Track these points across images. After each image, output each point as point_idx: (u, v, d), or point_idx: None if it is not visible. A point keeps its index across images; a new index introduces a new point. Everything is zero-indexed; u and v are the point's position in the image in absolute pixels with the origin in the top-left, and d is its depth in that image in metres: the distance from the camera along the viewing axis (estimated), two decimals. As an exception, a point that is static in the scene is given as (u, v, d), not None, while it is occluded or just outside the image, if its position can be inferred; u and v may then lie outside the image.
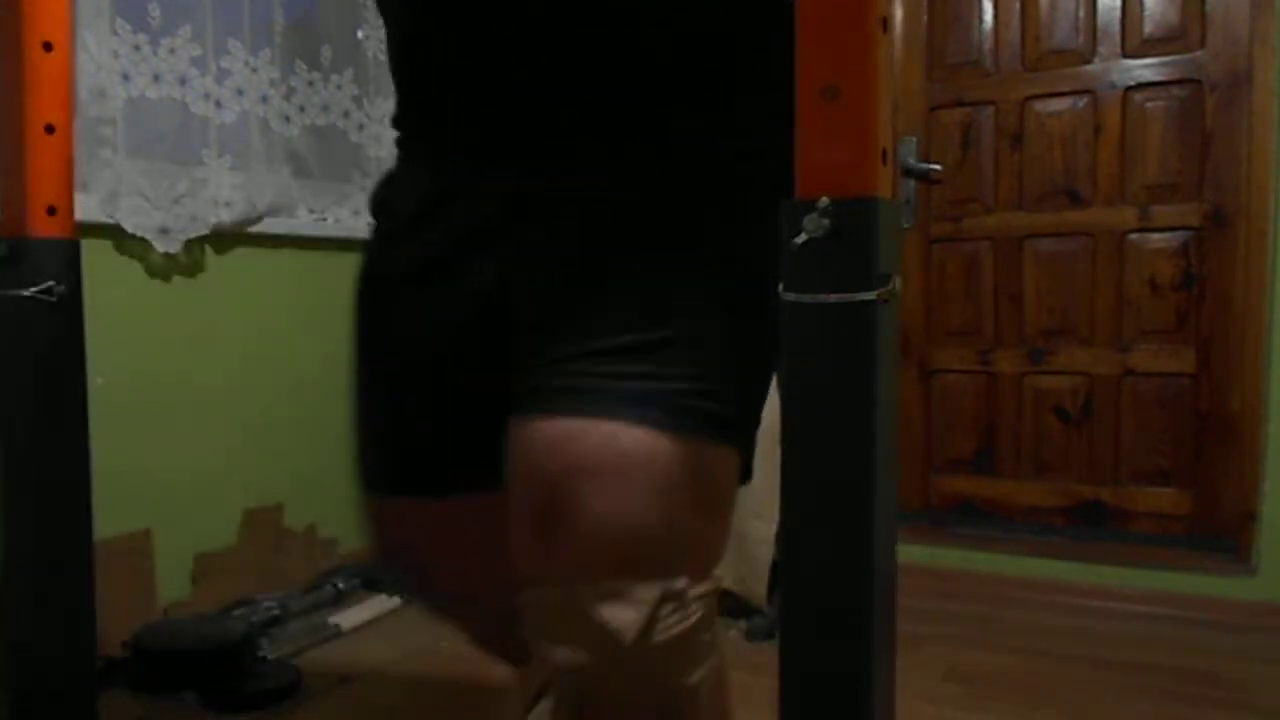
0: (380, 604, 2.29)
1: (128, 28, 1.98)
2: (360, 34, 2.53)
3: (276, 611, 2.10)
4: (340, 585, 2.32)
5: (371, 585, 2.39)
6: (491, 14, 0.76)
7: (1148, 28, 2.36)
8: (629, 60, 0.75)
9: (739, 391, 0.74)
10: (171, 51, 2.06)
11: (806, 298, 0.51)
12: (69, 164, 0.86)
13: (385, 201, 0.91)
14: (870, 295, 0.49)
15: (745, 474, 0.78)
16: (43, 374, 0.84)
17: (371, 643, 2.10)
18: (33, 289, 0.82)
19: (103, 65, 1.92)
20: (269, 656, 1.94)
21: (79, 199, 0.90)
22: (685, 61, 0.76)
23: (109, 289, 1.94)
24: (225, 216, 2.14)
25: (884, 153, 0.50)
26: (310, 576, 2.37)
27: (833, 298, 0.50)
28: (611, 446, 0.66)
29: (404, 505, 0.90)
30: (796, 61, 0.51)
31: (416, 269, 0.84)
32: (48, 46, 0.82)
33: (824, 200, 0.50)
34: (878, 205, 0.50)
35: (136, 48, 2.00)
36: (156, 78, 2.04)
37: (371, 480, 0.91)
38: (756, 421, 0.79)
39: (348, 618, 2.18)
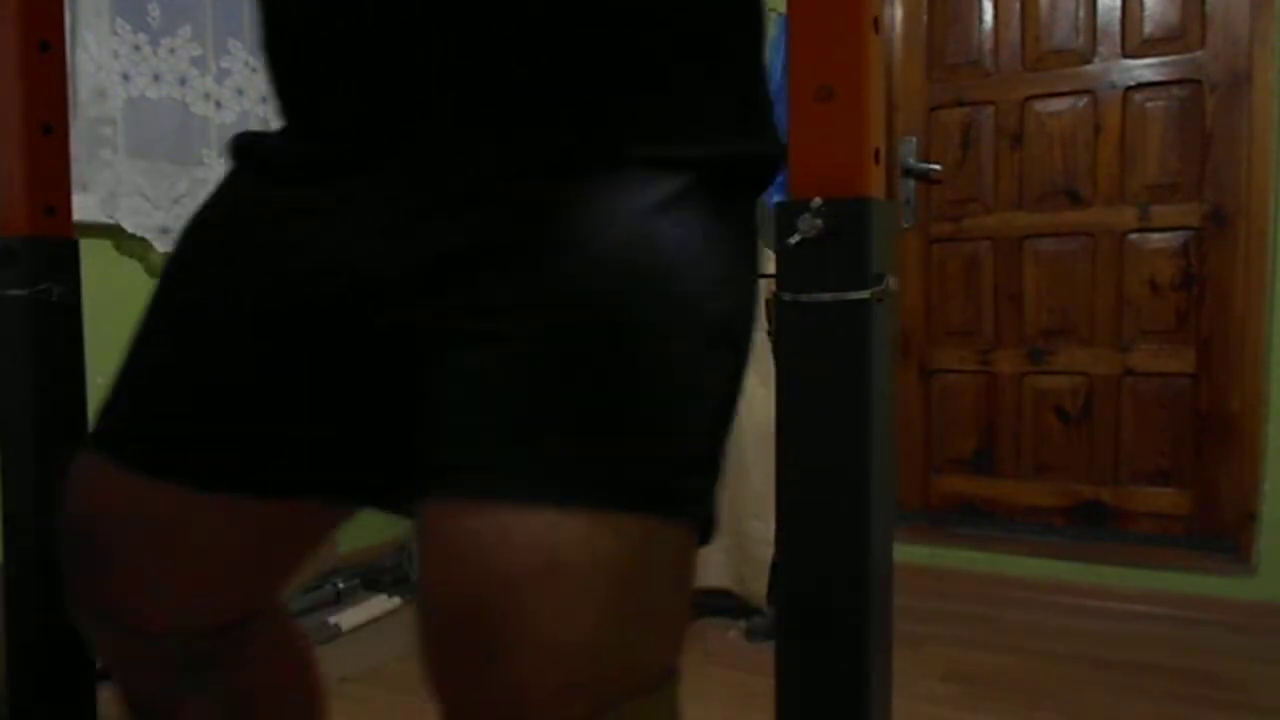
0: (380, 604, 2.29)
1: (128, 28, 1.98)
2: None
3: (277, 611, 2.10)
4: (340, 585, 2.32)
5: (371, 585, 2.40)
6: None
7: (1148, 28, 2.37)
8: (569, 42, 0.62)
9: (696, 448, 0.60)
10: (171, 51, 2.07)
11: (801, 297, 0.52)
12: (67, 164, 0.86)
13: (255, 145, 0.73)
14: (864, 294, 0.50)
15: (706, 535, 0.63)
16: (42, 374, 0.84)
17: (371, 643, 2.10)
18: (31, 289, 0.82)
19: (103, 65, 1.93)
20: (269, 656, 1.94)
21: (79, 199, 0.90)
22: (627, 44, 0.63)
23: (109, 289, 1.94)
24: (225, 217, 2.15)
25: (876, 153, 0.50)
26: (310, 576, 2.37)
27: (827, 297, 0.51)
28: (546, 545, 0.54)
29: (143, 483, 0.68)
30: (789, 63, 0.51)
31: (283, 216, 0.67)
32: (44, 46, 0.82)
33: (817, 201, 0.50)
34: (871, 206, 0.50)
35: (136, 48, 2.00)
36: (156, 78, 2.04)
37: (117, 440, 0.69)
38: (716, 474, 0.64)
39: (348, 618, 2.19)
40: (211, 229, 0.72)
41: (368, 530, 2.57)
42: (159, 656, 0.74)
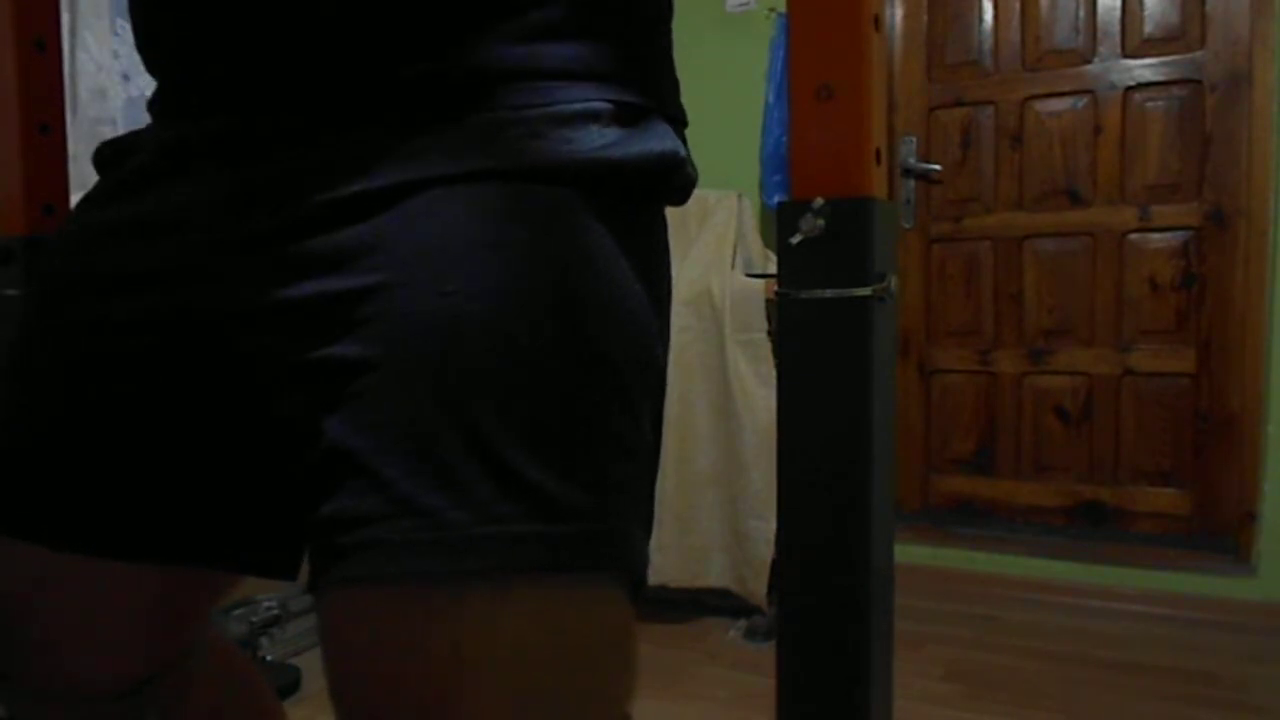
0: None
1: (127, 27, 1.98)
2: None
3: (276, 611, 2.10)
4: (340, 585, 2.32)
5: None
6: None
7: (1148, 28, 2.36)
8: None
9: (605, 484, 0.52)
10: (171, 52, 2.07)
11: (803, 294, 0.52)
12: (64, 163, 0.86)
13: (115, 152, 0.68)
14: (865, 291, 0.50)
15: (636, 573, 0.54)
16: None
17: (371, 643, 2.10)
18: (29, 288, 0.82)
19: (103, 65, 1.92)
20: (269, 657, 1.94)
21: (78, 199, 0.90)
22: None
23: (109, 289, 1.94)
24: (225, 217, 2.15)
25: (877, 152, 0.50)
26: (310, 576, 2.36)
27: (828, 293, 0.50)
28: (442, 634, 0.47)
29: (21, 549, 0.63)
30: (789, 61, 0.51)
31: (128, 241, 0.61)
32: (40, 45, 0.82)
33: (819, 201, 0.50)
34: (873, 206, 0.50)
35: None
36: (156, 78, 2.04)
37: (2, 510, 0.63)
38: (645, 511, 0.56)
39: (347, 618, 2.18)
40: (57, 269, 0.66)
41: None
42: (84, 717, 0.69)
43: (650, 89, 0.61)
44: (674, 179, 0.61)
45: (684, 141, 0.64)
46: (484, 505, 0.48)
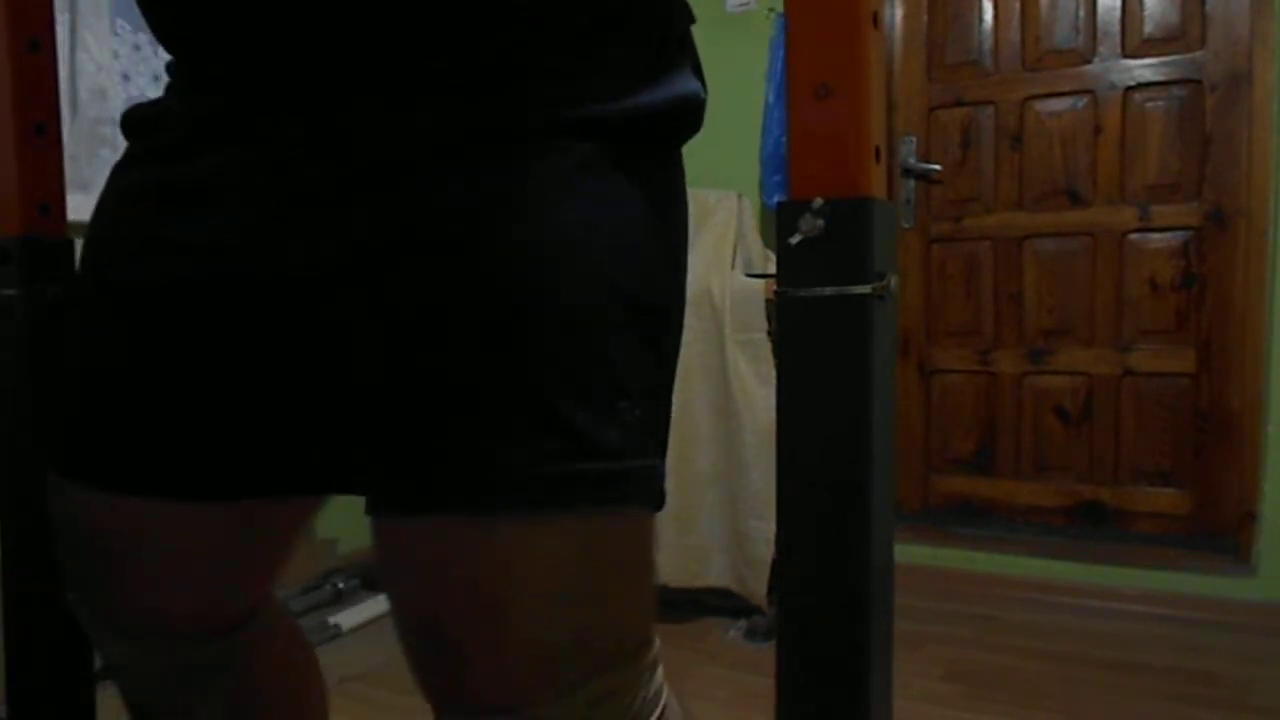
0: (380, 604, 2.28)
1: (128, 28, 1.98)
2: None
3: (276, 611, 2.10)
4: (340, 585, 2.32)
5: (371, 585, 2.40)
6: None
7: (1148, 28, 2.36)
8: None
9: (628, 430, 0.58)
10: (171, 52, 2.07)
11: (802, 292, 0.51)
12: (60, 163, 0.86)
13: (152, 118, 0.68)
14: (865, 289, 0.49)
15: (658, 504, 0.62)
16: (35, 374, 0.84)
17: (371, 643, 2.10)
18: (25, 289, 0.82)
19: (103, 65, 1.92)
20: (268, 657, 1.94)
21: (79, 199, 0.90)
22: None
23: (108, 289, 1.93)
24: (225, 217, 2.15)
25: (877, 151, 0.50)
26: (310, 576, 2.37)
27: (828, 291, 0.50)
28: (492, 555, 0.55)
29: (113, 500, 0.67)
30: (788, 60, 0.51)
31: (183, 195, 0.63)
32: (34, 46, 0.82)
33: (818, 201, 0.50)
34: (872, 206, 0.50)
35: (136, 48, 2.00)
36: (156, 78, 2.04)
37: (75, 462, 0.68)
38: (655, 450, 0.62)
39: (348, 618, 2.19)
40: (111, 229, 0.68)
41: (368, 530, 2.57)
42: (168, 662, 0.74)
43: (674, 29, 0.65)
44: (692, 119, 0.65)
45: (694, 51, 0.69)
46: (529, 447, 0.54)
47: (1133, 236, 2.41)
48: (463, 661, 0.57)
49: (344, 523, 2.46)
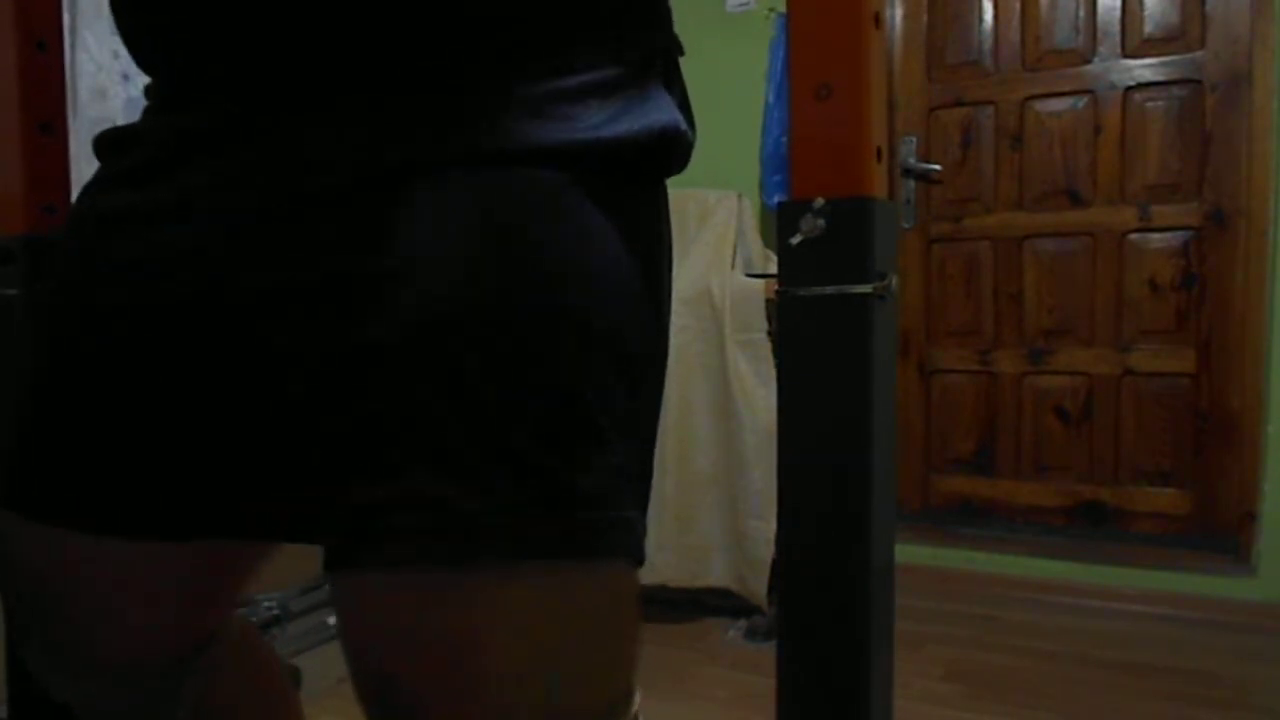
0: (380, 604, 2.28)
1: (128, 28, 1.99)
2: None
3: (276, 611, 2.10)
4: (340, 585, 2.32)
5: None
6: None
7: (1148, 28, 2.37)
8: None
9: (602, 477, 0.54)
10: (171, 52, 2.07)
11: (802, 291, 0.52)
12: (66, 162, 0.86)
13: (116, 141, 0.68)
14: (866, 288, 0.50)
15: (638, 554, 0.57)
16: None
17: (371, 643, 2.10)
18: (30, 289, 0.82)
19: (103, 65, 1.92)
20: (269, 656, 1.94)
21: (83, 187, 0.90)
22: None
23: (109, 289, 1.94)
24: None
25: (878, 151, 0.50)
26: (310, 576, 2.37)
27: (828, 290, 0.51)
28: (450, 613, 0.50)
29: (58, 536, 0.64)
30: (789, 60, 0.51)
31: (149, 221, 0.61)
32: (41, 45, 0.82)
33: (819, 201, 0.50)
34: (873, 206, 0.50)
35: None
36: (156, 78, 2.04)
37: (23, 497, 0.64)
38: (632, 497, 0.57)
39: (348, 618, 2.18)
40: (67, 253, 0.66)
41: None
42: (129, 694, 0.71)
43: (647, 24, 0.61)
44: (674, 153, 0.61)
45: (680, 79, 0.65)
46: (492, 494, 0.50)
47: (1133, 236, 2.41)
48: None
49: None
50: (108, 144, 0.68)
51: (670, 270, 0.64)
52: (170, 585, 0.68)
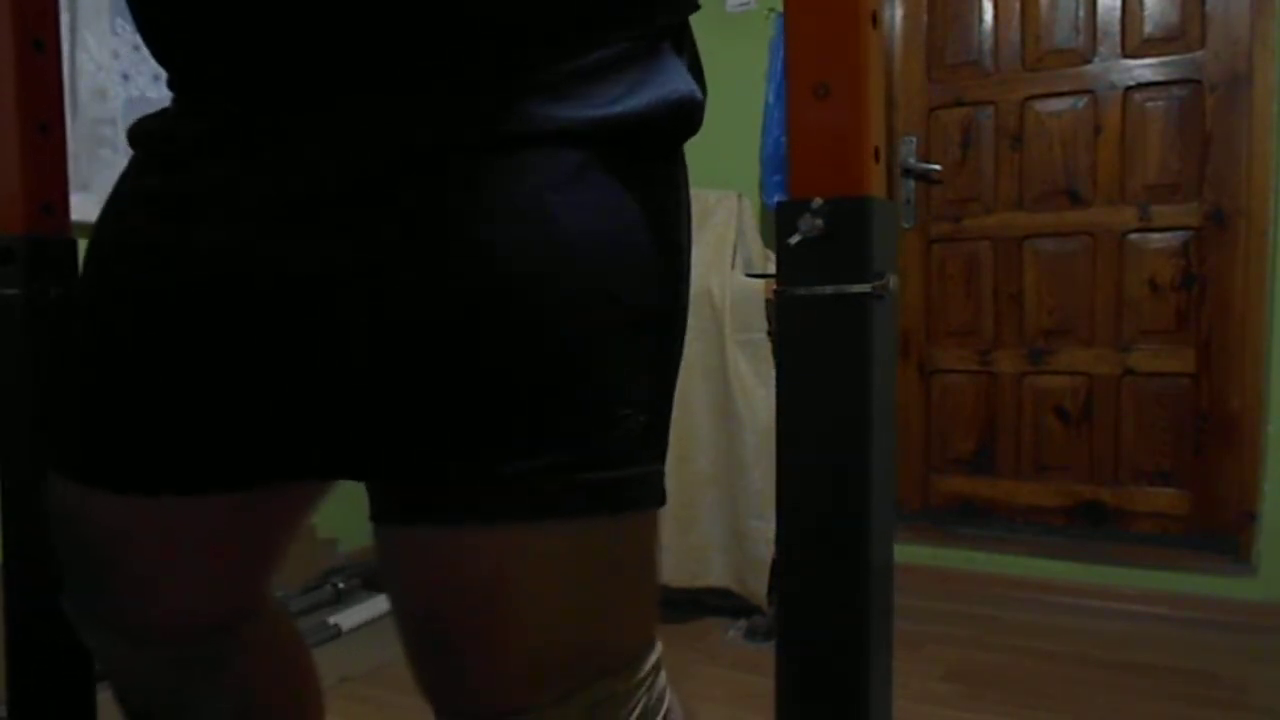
0: (380, 604, 2.29)
1: (128, 28, 1.98)
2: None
3: (276, 611, 2.10)
4: (340, 585, 2.32)
5: (371, 585, 2.40)
6: None
7: (1148, 28, 2.36)
8: None
9: (629, 437, 0.59)
10: (171, 52, 2.07)
11: (801, 291, 0.52)
12: (64, 162, 0.86)
13: (157, 130, 0.69)
14: (865, 288, 0.50)
15: (660, 500, 0.63)
16: (39, 374, 0.84)
17: (371, 643, 2.10)
18: (28, 288, 0.82)
19: (103, 65, 1.92)
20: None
21: (80, 199, 0.90)
22: None
23: (109, 289, 1.93)
24: (225, 217, 2.15)
25: (876, 151, 0.50)
26: (310, 576, 2.37)
27: (827, 290, 0.50)
28: (493, 563, 0.56)
29: (113, 498, 0.67)
30: (787, 59, 0.51)
31: (180, 202, 0.64)
32: (39, 45, 0.82)
33: (817, 201, 0.50)
34: (871, 205, 0.50)
35: (136, 48, 2.00)
36: (156, 77, 2.04)
37: (78, 461, 0.68)
38: (657, 454, 0.63)
39: (348, 618, 2.19)
40: (116, 235, 0.69)
41: (368, 530, 2.57)
42: (170, 660, 0.74)
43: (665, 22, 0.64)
44: (689, 121, 0.64)
45: (691, 39, 0.68)
46: (530, 458, 0.55)
47: (1133, 236, 2.41)
48: (462, 664, 0.58)
49: (344, 523, 2.46)
50: (143, 134, 0.70)
51: (690, 233, 0.68)
52: (214, 545, 0.71)
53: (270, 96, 0.61)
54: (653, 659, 0.64)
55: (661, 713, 0.64)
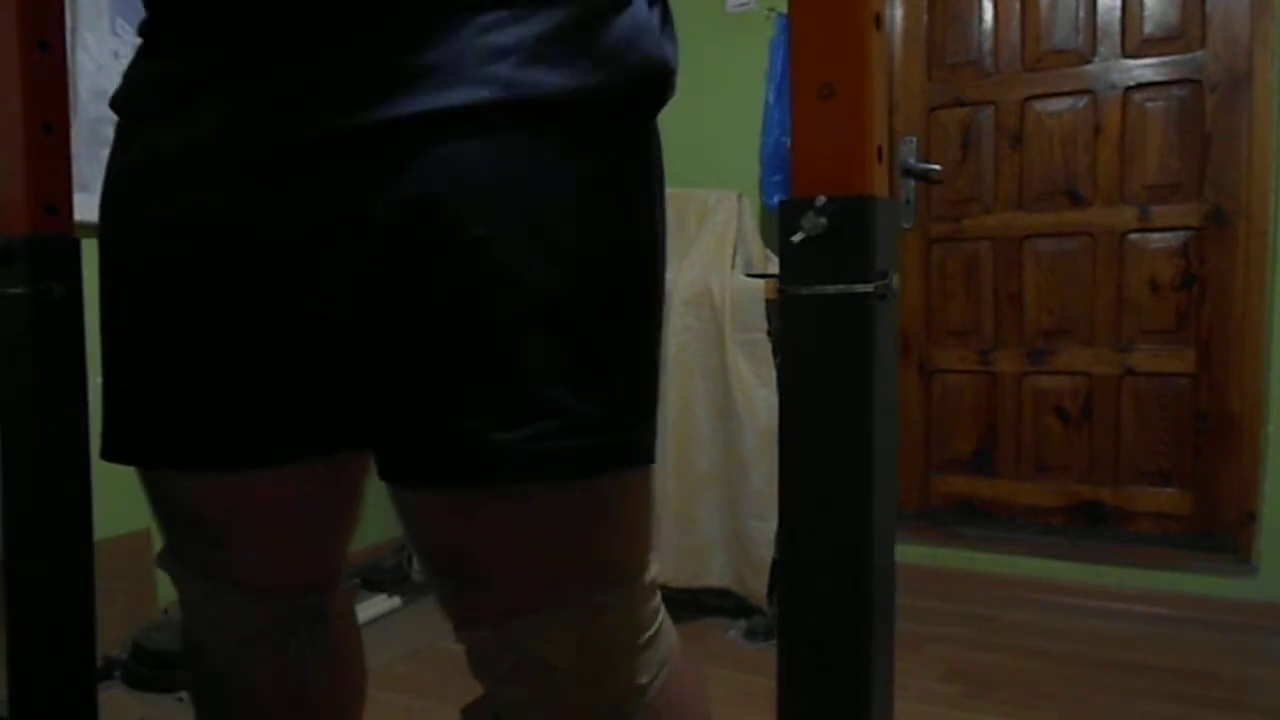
0: (380, 604, 2.29)
1: (128, 28, 1.98)
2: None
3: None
4: (340, 585, 2.32)
5: (371, 585, 2.40)
6: None
7: (1148, 28, 2.37)
8: None
9: (619, 399, 0.62)
10: (172, 52, 2.07)
11: (803, 290, 0.52)
12: (68, 162, 0.86)
13: (138, 88, 0.71)
14: (867, 287, 0.50)
15: (648, 458, 0.67)
16: (42, 373, 0.84)
17: (371, 643, 2.10)
18: (32, 288, 0.82)
19: (103, 65, 1.93)
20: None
21: (80, 199, 0.90)
22: None
23: (109, 289, 1.93)
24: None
25: (879, 150, 0.50)
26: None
27: (829, 289, 0.51)
28: (500, 515, 0.62)
29: (194, 475, 0.72)
30: (790, 60, 0.51)
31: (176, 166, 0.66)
32: (44, 45, 0.82)
33: (820, 199, 0.50)
34: (874, 205, 0.50)
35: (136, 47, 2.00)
36: (157, 78, 2.04)
37: (163, 453, 0.72)
38: (646, 412, 0.66)
39: (348, 617, 2.18)
40: (117, 217, 0.74)
41: (368, 530, 2.57)
42: (264, 614, 0.80)
43: None
44: (661, 87, 0.66)
45: (666, 6, 0.69)
46: (518, 428, 0.58)
47: (1133, 236, 2.41)
48: (482, 578, 0.65)
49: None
50: (124, 98, 0.73)
51: (664, 195, 0.70)
52: (297, 510, 0.77)
53: (254, 43, 0.62)
54: (648, 576, 0.70)
55: (657, 622, 0.71)
